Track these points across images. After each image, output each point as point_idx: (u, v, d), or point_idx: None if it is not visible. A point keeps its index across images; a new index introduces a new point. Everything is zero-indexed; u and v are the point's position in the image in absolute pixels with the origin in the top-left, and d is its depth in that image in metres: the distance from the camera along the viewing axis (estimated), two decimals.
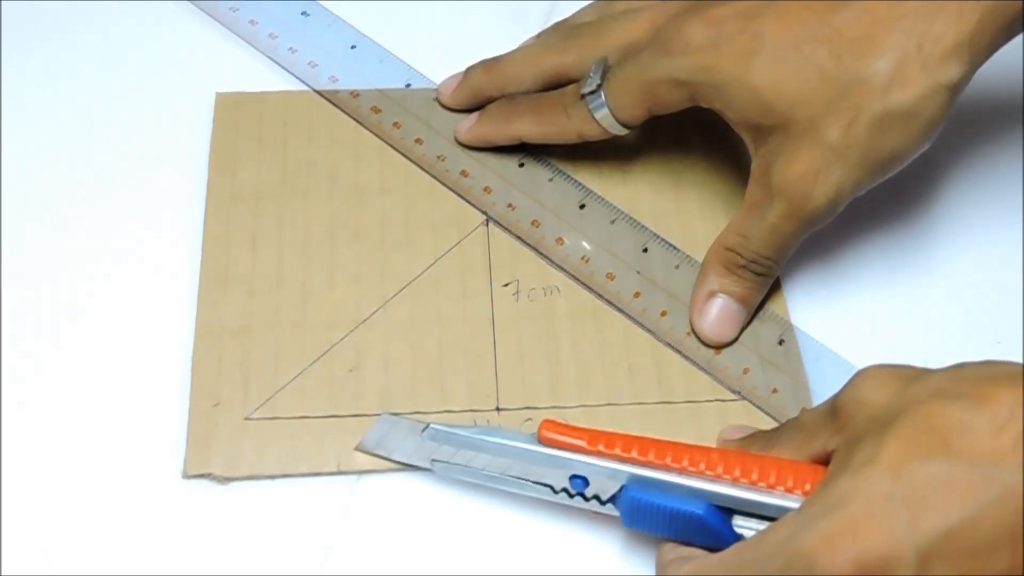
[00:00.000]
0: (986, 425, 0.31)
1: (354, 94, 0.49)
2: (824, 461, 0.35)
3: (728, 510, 0.36)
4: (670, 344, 0.44)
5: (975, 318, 0.46)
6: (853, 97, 0.40)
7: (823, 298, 0.46)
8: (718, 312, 0.43)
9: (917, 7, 0.40)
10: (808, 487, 0.35)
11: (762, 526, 0.35)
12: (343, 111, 0.49)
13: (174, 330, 0.43)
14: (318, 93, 0.49)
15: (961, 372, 0.34)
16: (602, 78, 0.44)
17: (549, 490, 0.38)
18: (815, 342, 0.44)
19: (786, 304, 0.45)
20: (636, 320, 0.44)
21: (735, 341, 0.44)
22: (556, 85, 0.47)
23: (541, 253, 0.45)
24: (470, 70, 0.48)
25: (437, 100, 0.49)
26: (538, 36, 0.49)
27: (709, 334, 0.43)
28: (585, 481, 0.38)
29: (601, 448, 0.37)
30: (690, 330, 0.44)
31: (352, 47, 0.51)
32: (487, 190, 0.47)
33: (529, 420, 0.41)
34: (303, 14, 0.52)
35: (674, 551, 0.36)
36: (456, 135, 0.48)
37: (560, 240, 0.46)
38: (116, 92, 0.50)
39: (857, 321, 0.45)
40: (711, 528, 0.35)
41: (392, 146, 0.48)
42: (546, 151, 0.48)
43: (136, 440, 0.41)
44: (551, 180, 0.47)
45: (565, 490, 0.38)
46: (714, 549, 0.35)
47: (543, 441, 0.38)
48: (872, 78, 0.40)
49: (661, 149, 0.46)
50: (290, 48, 0.50)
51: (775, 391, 0.42)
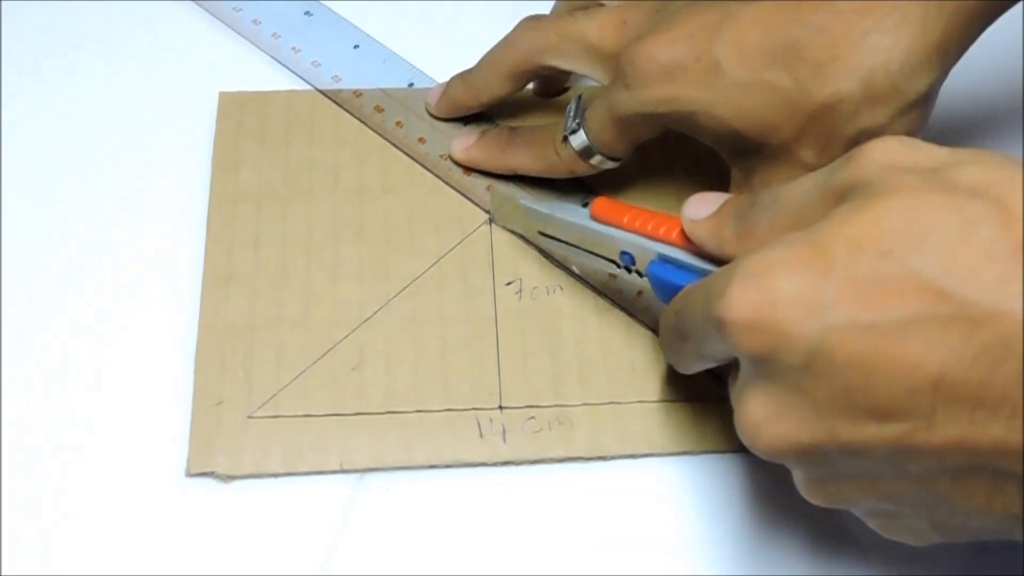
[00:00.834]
0: (990, 234, 0.27)
1: (357, 93, 0.49)
2: None
3: None
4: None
5: None
6: (824, 123, 0.38)
7: None
8: None
9: (878, 22, 0.38)
10: None
11: None
12: (346, 110, 0.49)
13: (177, 328, 0.43)
14: (321, 92, 0.49)
15: (989, 165, 0.29)
16: (580, 117, 0.43)
17: (612, 264, 0.41)
18: None
19: None
20: (639, 319, 0.44)
21: None
22: (527, 80, 0.47)
23: (544, 252, 0.46)
24: (450, 81, 0.48)
25: (426, 110, 0.49)
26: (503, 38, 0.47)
27: None
28: (632, 257, 0.39)
29: (638, 226, 0.39)
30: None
31: (355, 47, 0.51)
32: (490, 189, 0.47)
33: (532, 418, 0.42)
34: (306, 14, 0.52)
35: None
36: (451, 152, 0.47)
37: None
38: (119, 92, 0.50)
39: None
40: None
41: (395, 145, 0.48)
42: None
43: (138, 439, 0.41)
44: (554, 179, 0.47)
45: (615, 262, 0.40)
46: None
47: (595, 218, 0.41)
48: (841, 103, 0.38)
49: (662, 148, 0.46)
50: (293, 48, 0.51)
51: None
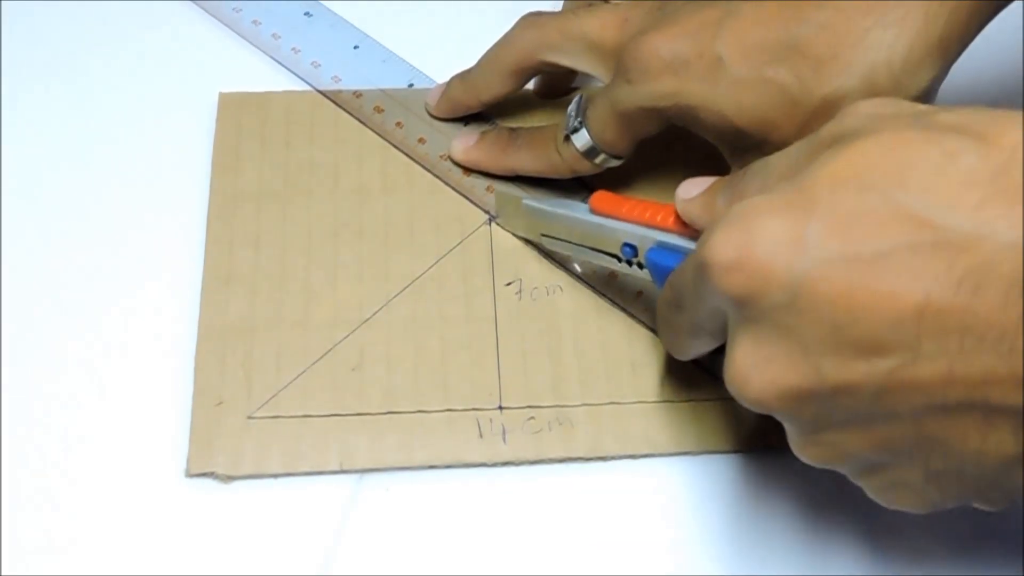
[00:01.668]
0: (970, 164, 0.27)
1: (357, 94, 0.49)
2: None
3: None
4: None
5: None
6: (825, 119, 0.37)
7: None
8: None
9: (880, 19, 0.38)
10: None
11: None
12: (346, 111, 0.49)
13: (177, 329, 0.43)
14: (321, 93, 0.49)
15: (972, 110, 0.29)
16: (582, 116, 0.43)
17: (613, 259, 0.40)
18: None
19: None
20: (639, 319, 0.44)
21: None
22: (528, 78, 0.47)
23: (544, 253, 0.46)
24: (450, 81, 0.48)
25: (426, 110, 0.49)
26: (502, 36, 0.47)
27: None
28: (634, 249, 0.39)
29: (635, 216, 0.39)
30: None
31: (355, 47, 0.51)
32: (490, 189, 0.47)
33: (532, 419, 0.41)
34: (306, 14, 0.52)
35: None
36: (451, 153, 0.47)
37: None
38: (119, 92, 0.50)
39: None
40: None
41: (395, 146, 0.48)
42: None
43: (139, 439, 0.41)
44: (554, 179, 0.47)
45: (617, 256, 0.40)
46: None
47: (594, 211, 0.41)
48: (842, 100, 0.38)
49: (663, 147, 0.46)
50: (293, 48, 0.51)
51: None
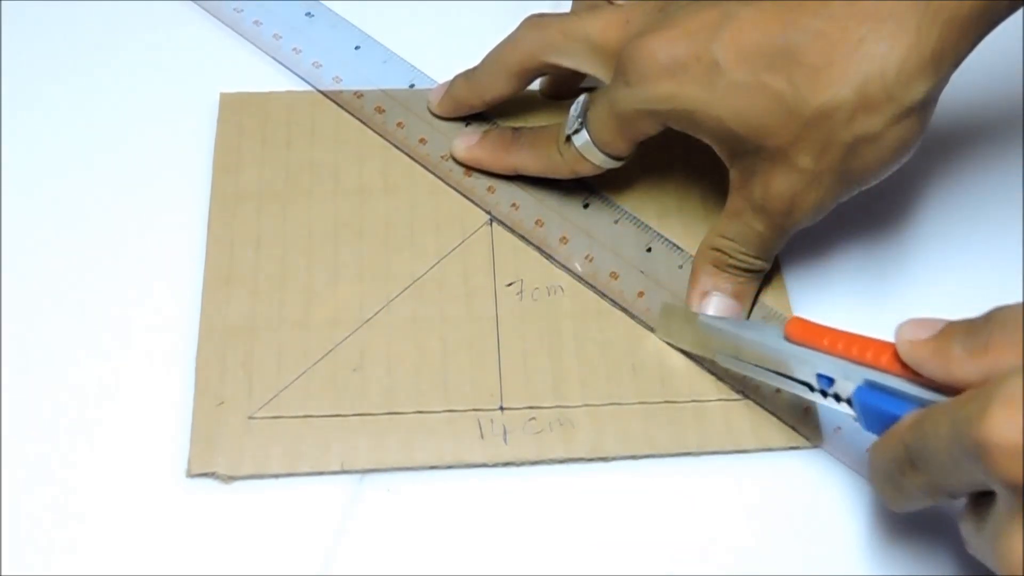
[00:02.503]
0: None
1: (358, 94, 0.49)
2: None
3: None
4: (672, 344, 0.44)
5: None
6: (819, 128, 0.39)
7: (826, 296, 0.46)
8: (714, 311, 0.43)
9: (874, 29, 0.38)
10: None
11: None
12: (347, 111, 0.49)
13: (178, 329, 0.43)
14: (322, 93, 0.49)
15: None
16: (583, 117, 0.43)
17: (805, 388, 0.38)
18: None
19: (789, 303, 0.45)
20: (640, 320, 0.44)
21: None
22: (531, 79, 0.47)
23: (545, 253, 0.46)
24: (453, 80, 0.48)
25: (428, 109, 0.49)
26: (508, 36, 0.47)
27: None
28: (830, 380, 0.38)
29: (840, 349, 0.37)
30: None
31: (356, 48, 0.51)
32: (491, 190, 0.47)
33: (533, 419, 0.41)
34: (307, 15, 0.52)
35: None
36: (452, 151, 0.47)
37: (564, 239, 0.46)
38: (120, 93, 0.50)
39: (860, 319, 0.45)
40: None
41: (396, 146, 0.48)
42: None
43: (139, 439, 0.41)
44: (555, 180, 0.47)
45: (809, 385, 0.38)
46: None
47: (789, 339, 0.39)
48: (836, 110, 0.38)
49: (663, 148, 0.46)
50: (294, 49, 0.51)
51: (778, 391, 0.42)
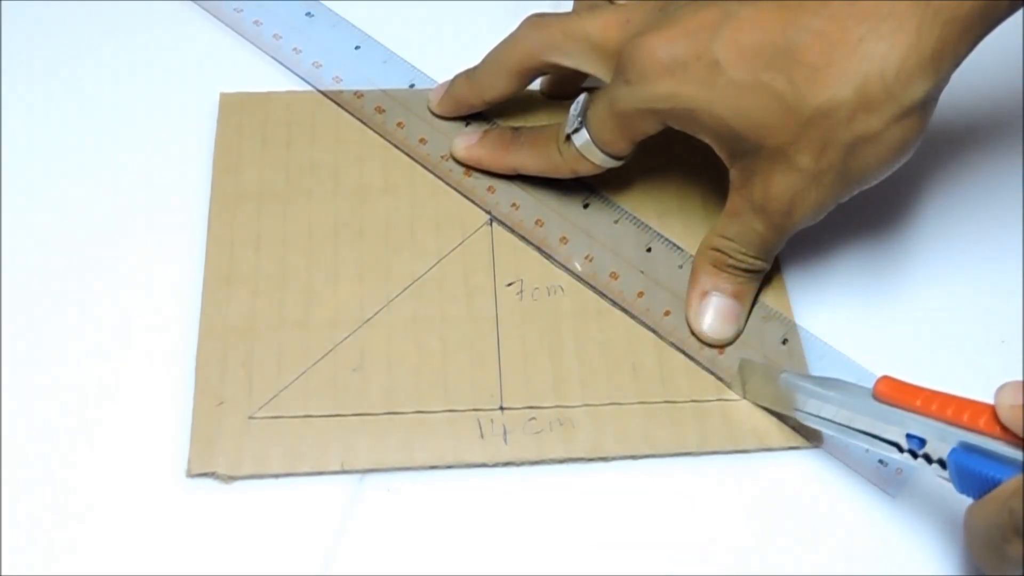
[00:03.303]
0: None
1: (358, 95, 0.49)
2: None
3: None
4: (674, 344, 0.44)
5: (979, 316, 0.46)
6: (819, 127, 0.39)
7: (826, 296, 0.46)
8: (714, 311, 0.43)
9: (873, 28, 0.38)
10: None
11: None
12: (347, 111, 0.49)
13: (178, 329, 0.43)
14: (322, 93, 0.49)
15: None
16: (583, 117, 0.43)
17: (894, 448, 0.37)
18: (818, 341, 0.44)
19: (789, 303, 0.45)
20: (640, 320, 0.44)
21: (736, 339, 0.44)
22: (532, 79, 0.47)
23: (545, 253, 0.46)
24: (454, 79, 0.48)
25: (428, 108, 0.49)
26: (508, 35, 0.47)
27: (708, 333, 0.43)
28: (922, 441, 0.36)
29: (934, 410, 0.36)
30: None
31: (356, 47, 0.51)
32: (491, 190, 0.47)
33: (533, 419, 0.41)
34: (307, 15, 0.52)
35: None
36: (452, 151, 0.47)
37: (564, 239, 0.46)
38: (120, 92, 0.50)
39: (860, 319, 0.45)
40: None
41: (396, 146, 0.48)
42: None
43: (140, 439, 0.41)
44: (555, 180, 0.47)
45: (899, 446, 0.37)
46: None
47: (878, 398, 0.37)
48: (835, 110, 0.38)
49: (663, 148, 0.46)
50: (294, 49, 0.51)
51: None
